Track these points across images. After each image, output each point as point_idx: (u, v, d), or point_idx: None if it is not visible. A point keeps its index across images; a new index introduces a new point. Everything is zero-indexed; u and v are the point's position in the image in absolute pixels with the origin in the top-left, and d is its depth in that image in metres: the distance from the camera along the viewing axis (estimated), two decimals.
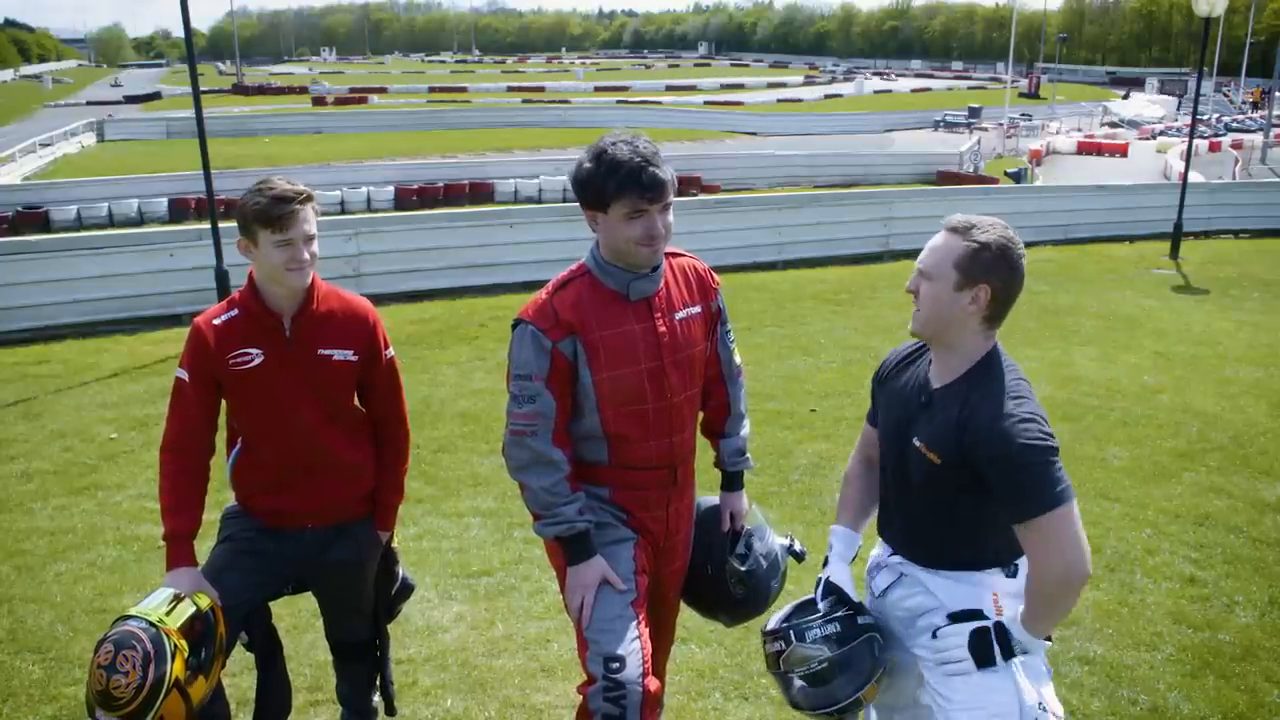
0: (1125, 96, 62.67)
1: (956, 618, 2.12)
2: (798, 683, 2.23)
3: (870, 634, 2.23)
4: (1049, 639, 2.09)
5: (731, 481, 2.70)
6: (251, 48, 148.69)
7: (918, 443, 2.12)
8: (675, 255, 2.48)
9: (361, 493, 2.73)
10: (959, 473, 2.05)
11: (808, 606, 2.29)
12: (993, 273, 2.05)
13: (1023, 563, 2.18)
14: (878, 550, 2.37)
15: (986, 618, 2.10)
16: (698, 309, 2.47)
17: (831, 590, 2.29)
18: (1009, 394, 2.04)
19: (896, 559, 2.27)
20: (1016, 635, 2.05)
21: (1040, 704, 2.08)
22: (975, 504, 2.09)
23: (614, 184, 2.23)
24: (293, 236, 2.43)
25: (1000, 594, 2.14)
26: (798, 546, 2.73)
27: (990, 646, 2.06)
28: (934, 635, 2.14)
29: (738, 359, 2.65)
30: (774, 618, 2.33)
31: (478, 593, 4.18)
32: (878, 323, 9.40)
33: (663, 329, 2.37)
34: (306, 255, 2.46)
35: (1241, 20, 67.78)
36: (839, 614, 2.24)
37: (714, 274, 2.56)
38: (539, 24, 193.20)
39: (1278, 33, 66.66)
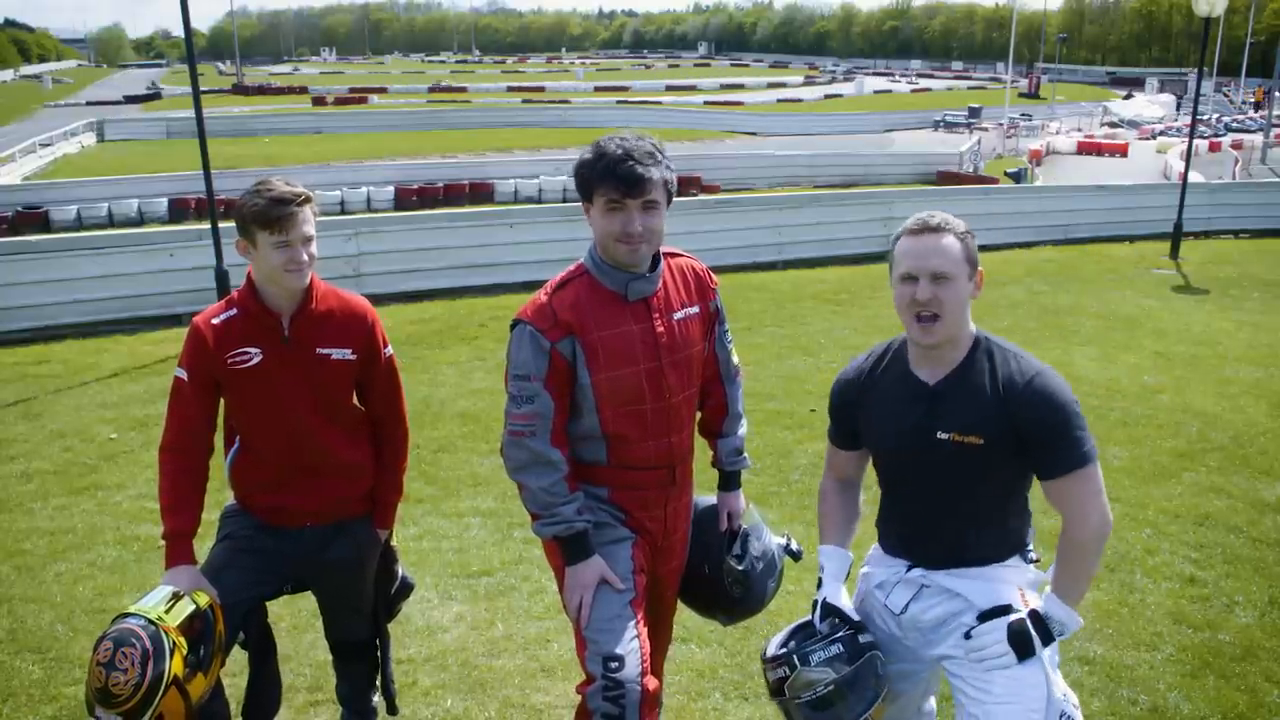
0: (1127, 96, 62.70)
1: (986, 616, 2.14)
2: (806, 709, 2.19)
3: (873, 652, 2.22)
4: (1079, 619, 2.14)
5: (729, 481, 2.70)
6: (251, 48, 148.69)
7: (945, 435, 2.12)
8: (673, 256, 2.48)
9: (361, 491, 2.73)
10: (1003, 445, 2.09)
11: (806, 629, 2.28)
12: (977, 255, 2.17)
13: (1031, 545, 2.24)
14: (881, 570, 2.33)
15: (1018, 610, 2.12)
16: (696, 309, 2.47)
17: (830, 611, 2.28)
18: (1022, 355, 2.15)
19: (917, 572, 2.25)
20: (1054, 615, 2.09)
21: (1064, 695, 2.10)
22: (1003, 483, 2.15)
23: (595, 175, 2.26)
24: (291, 238, 2.43)
25: (1025, 587, 2.18)
26: (794, 546, 2.73)
27: (1029, 636, 2.08)
28: (967, 635, 2.14)
29: (735, 359, 2.65)
30: (772, 643, 2.30)
31: (478, 593, 4.18)
32: (878, 323, 9.39)
33: (661, 329, 2.37)
34: (305, 257, 2.46)
35: (1241, 20, 67.77)
36: (841, 634, 2.23)
37: (712, 274, 2.56)
38: (539, 24, 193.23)
39: (1278, 33, 66.62)
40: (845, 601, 2.29)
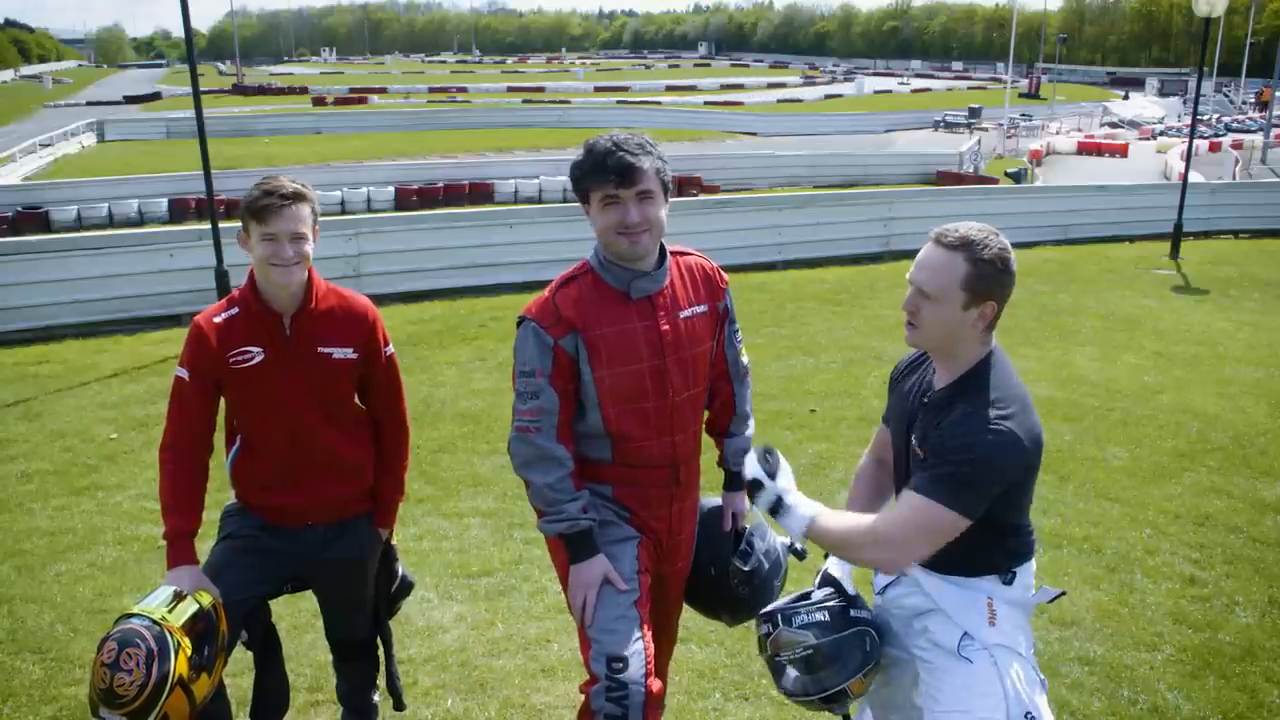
0: (1126, 97, 62.71)
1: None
2: (787, 668, 2.24)
3: (862, 628, 2.23)
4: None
5: (734, 481, 2.69)
6: (251, 48, 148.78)
7: (915, 441, 2.14)
8: (683, 254, 2.48)
9: (362, 490, 2.73)
10: None
11: (807, 595, 2.31)
12: (997, 287, 2.06)
13: (1021, 570, 2.17)
14: None
15: (974, 638, 2.10)
16: (703, 308, 2.46)
17: (829, 581, 2.31)
18: (994, 404, 2.02)
19: None
20: (788, 502, 2.23)
21: (1029, 713, 2.05)
22: None
23: (588, 171, 2.27)
24: (276, 231, 2.43)
25: (995, 600, 2.13)
26: (799, 545, 2.73)
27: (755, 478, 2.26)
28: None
29: (745, 359, 2.65)
30: (774, 603, 2.36)
31: (478, 593, 4.18)
32: (878, 323, 9.40)
33: (665, 327, 2.37)
34: (290, 252, 2.45)
35: (1241, 20, 67.80)
36: (830, 604, 2.26)
37: (723, 273, 2.56)
38: (539, 24, 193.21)
39: (1278, 33, 66.63)
40: (846, 574, 2.32)
